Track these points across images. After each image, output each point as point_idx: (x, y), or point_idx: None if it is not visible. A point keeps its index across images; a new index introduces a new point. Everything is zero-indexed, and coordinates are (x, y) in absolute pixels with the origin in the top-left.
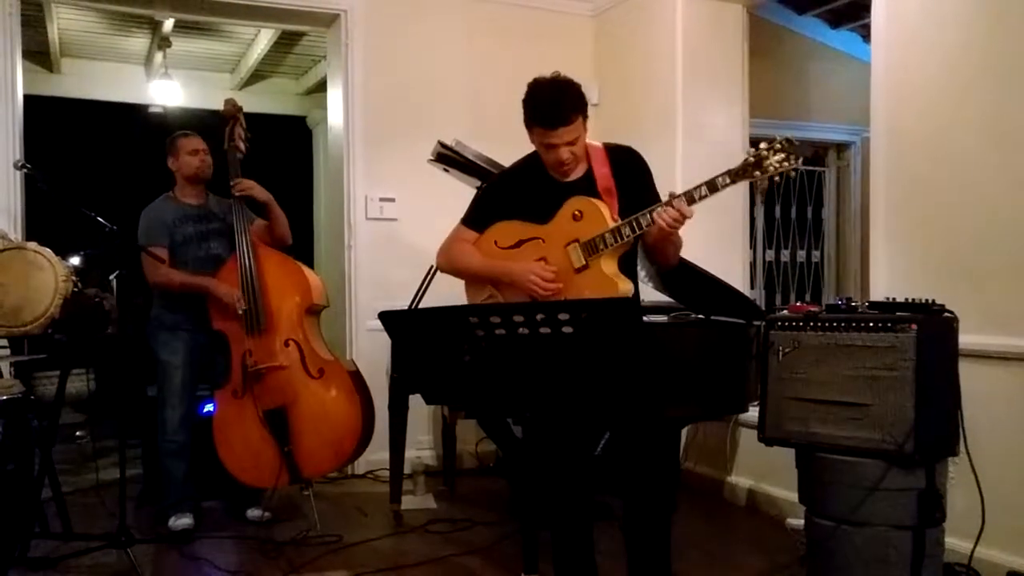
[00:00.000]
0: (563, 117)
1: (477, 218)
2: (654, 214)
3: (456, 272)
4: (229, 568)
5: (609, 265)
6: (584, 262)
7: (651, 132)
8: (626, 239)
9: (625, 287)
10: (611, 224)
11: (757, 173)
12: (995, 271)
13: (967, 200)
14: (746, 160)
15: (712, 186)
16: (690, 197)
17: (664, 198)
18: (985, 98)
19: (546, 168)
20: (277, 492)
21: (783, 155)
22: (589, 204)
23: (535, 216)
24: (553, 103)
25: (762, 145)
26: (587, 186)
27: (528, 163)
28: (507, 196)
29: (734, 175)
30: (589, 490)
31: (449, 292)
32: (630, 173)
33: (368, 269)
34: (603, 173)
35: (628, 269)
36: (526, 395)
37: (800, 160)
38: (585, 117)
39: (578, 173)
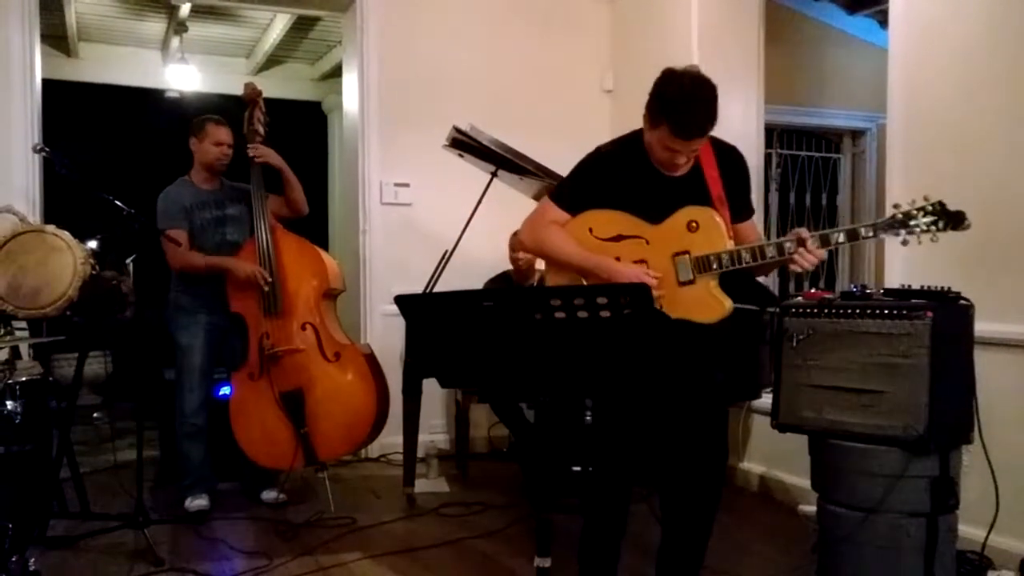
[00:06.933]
0: (702, 131)
1: (572, 199)
2: (795, 256)
3: (545, 256)
4: (244, 549)
5: (715, 283)
6: (692, 277)
7: None
8: (744, 265)
9: (729, 305)
10: (728, 244)
11: (903, 231)
12: (1012, 258)
13: (984, 187)
14: (894, 216)
15: (852, 235)
16: (825, 240)
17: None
18: (1004, 84)
19: (650, 157)
20: (292, 474)
21: (933, 218)
22: (708, 218)
23: (636, 207)
24: (697, 116)
25: (913, 200)
26: (697, 187)
27: (631, 145)
28: (607, 180)
29: (878, 228)
30: (627, 476)
31: (463, 276)
32: (737, 177)
33: (382, 254)
34: (713, 176)
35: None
36: (547, 379)
37: (949, 226)
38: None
39: (685, 168)
